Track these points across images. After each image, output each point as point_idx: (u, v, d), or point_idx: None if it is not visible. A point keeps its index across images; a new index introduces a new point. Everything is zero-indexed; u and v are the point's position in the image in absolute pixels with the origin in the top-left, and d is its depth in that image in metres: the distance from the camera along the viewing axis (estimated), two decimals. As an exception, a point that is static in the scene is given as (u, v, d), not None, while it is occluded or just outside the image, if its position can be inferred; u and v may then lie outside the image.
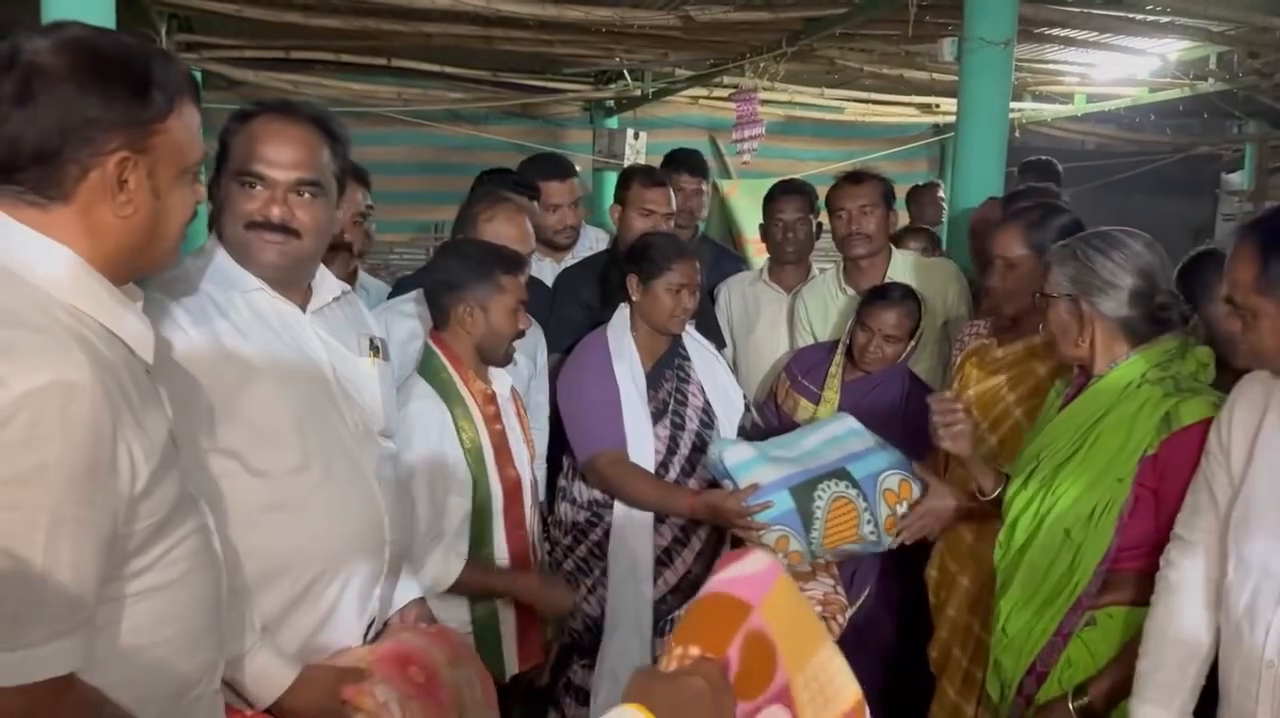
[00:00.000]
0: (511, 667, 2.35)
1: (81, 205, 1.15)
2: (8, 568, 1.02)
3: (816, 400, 2.87)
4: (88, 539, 1.07)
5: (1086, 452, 1.90)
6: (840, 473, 2.38)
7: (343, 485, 1.67)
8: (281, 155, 1.63)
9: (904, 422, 2.73)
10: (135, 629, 1.17)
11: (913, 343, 2.83)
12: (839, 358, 2.88)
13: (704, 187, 3.81)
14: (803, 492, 2.34)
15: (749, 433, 2.80)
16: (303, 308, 1.72)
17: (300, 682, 1.56)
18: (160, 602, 1.19)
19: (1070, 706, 1.85)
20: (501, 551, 2.31)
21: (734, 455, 2.44)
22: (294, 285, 1.71)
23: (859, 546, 2.41)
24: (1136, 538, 1.85)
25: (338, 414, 1.70)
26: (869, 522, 2.36)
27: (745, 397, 2.88)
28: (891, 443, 2.46)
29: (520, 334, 2.30)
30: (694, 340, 2.82)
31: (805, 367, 2.95)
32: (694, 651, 1.01)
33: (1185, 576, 1.73)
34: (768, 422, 2.93)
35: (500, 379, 2.36)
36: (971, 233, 3.49)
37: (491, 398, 2.32)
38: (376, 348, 1.85)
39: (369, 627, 1.75)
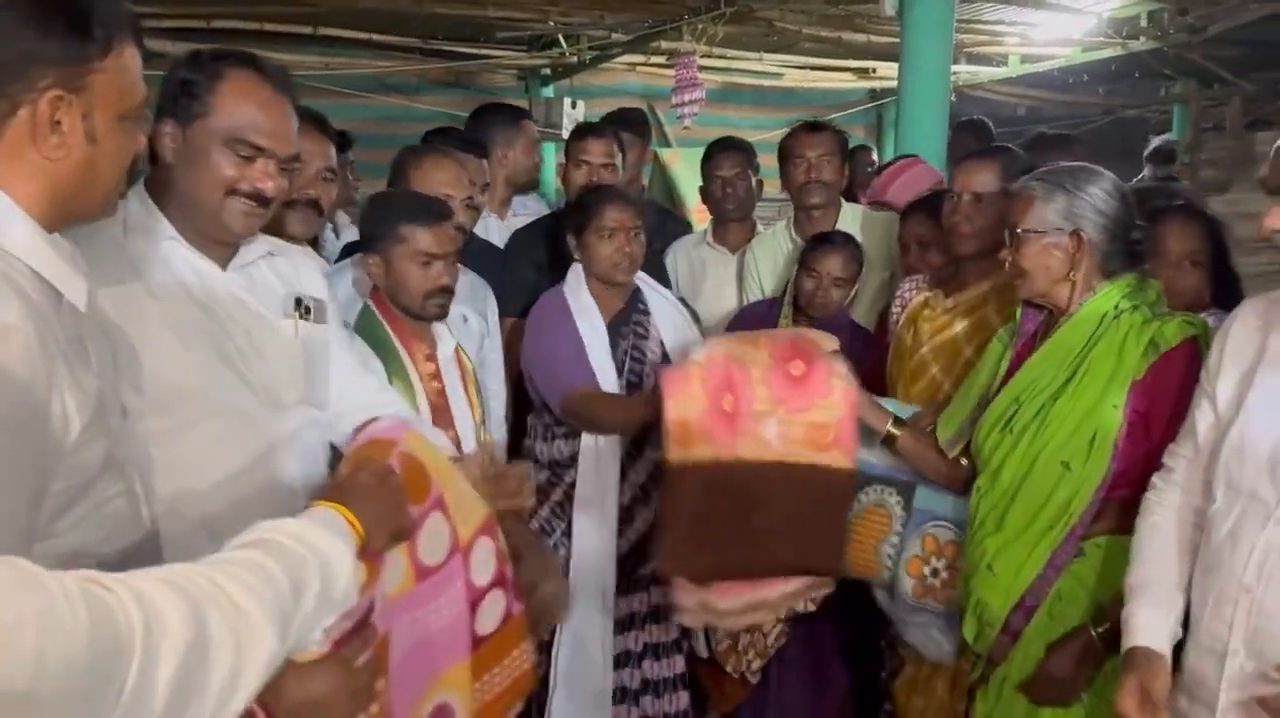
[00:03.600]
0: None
1: (9, 145, 1.08)
2: None
3: None
4: (14, 489, 0.98)
5: (1078, 383, 1.88)
6: (902, 487, 2.22)
7: (230, 450, 1.56)
8: (283, 128, 1.60)
9: (848, 367, 2.68)
10: None
11: (855, 287, 2.82)
12: (786, 310, 2.84)
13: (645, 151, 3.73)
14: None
15: None
16: (223, 264, 1.63)
17: None
18: (77, 567, 1.10)
19: (1093, 633, 1.81)
20: None
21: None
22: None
23: (869, 568, 2.22)
24: (1128, 464, 1.84)
25: (239, 379, 1.60)
26: (892, 546, 2.20)
27: None
28: None
29: (445, 290, 2.19)
30: (656, 293, 2.76)
31: (747, 326, 2.87)
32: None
33: (1164, 498, 1.73)
34: None
35: (444, 339, 2.27)
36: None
37: (431, 357, 2.23)
38: (308, 309, 1.74)
39: None
